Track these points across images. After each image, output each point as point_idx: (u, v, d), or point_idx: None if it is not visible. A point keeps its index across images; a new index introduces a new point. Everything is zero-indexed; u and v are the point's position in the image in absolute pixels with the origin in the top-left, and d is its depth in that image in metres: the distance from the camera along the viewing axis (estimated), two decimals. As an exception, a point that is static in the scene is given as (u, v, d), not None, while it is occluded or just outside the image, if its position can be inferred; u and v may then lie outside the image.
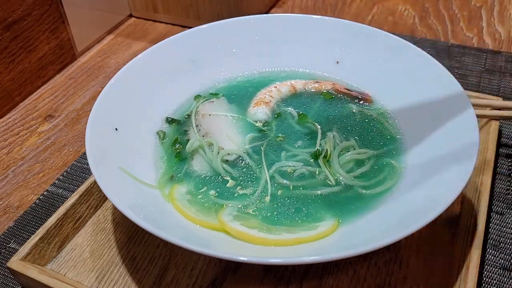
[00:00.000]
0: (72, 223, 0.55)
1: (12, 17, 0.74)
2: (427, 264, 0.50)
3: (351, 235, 0.46)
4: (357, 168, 0.53)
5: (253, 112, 0.61)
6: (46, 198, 0.62)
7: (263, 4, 0.99)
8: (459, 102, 0.52)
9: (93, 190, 0.56)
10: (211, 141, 0.55)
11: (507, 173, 0.61)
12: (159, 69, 0.63)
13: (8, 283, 0.52)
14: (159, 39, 0.73)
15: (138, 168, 0.52)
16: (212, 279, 0.50)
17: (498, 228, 0.55)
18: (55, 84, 0.83)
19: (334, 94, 0.63)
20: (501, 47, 0.85)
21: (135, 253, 0.53)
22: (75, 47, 0.88)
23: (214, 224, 0.48)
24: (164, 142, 0.58)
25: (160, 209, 0.49)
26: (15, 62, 0.77)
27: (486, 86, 0.75)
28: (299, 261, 0.41)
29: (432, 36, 0.89)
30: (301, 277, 0.50)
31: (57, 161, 0.68)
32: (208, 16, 0.92)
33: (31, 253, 0.50)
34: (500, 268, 0.51)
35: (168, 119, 0.60)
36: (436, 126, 0.53)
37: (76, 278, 0.51)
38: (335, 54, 0.66)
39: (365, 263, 0.50)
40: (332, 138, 0.56)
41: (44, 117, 0.76)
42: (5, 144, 0.71)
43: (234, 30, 0.68)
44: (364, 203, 0.50)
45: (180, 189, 0.52)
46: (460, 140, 0.49)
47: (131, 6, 1.00)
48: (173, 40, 0.65)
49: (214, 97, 0.64)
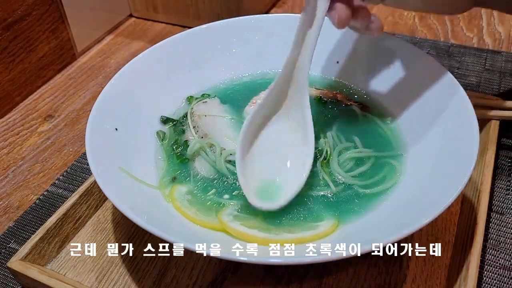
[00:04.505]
0: (72, 223, 0.55)
1: (12, 17, 0.74)
2: (427, 264, 0.50)
3: (351, 235, 0.46)
4: (357, 168, 0.53)
5: (249, 111, 0.61)
6: (46, 198, 0.62)
7: (263, 4, 0.99)
8: (459, 102, 0.52)
9: (93, 190, 0.57)
10: (212, 142, 0.56)
11: (507, 173, 0.61)
12: (159, 69, 0.63)
13: (8, 283, 0.52)
14: (159, 39, 0.73)
15: (138, 168, 0.52)
16: (212, 279, 0.50)
17: (498, 228, 0.55)
18: (55, 84, 0.83)
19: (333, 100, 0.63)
20: (501, 47, 0.85)
21: (135, 253, 0.53)
22: (75, 47, 0.88)
23: (214, 224, 0.48)
24: (164, 143, 0.58)
25: (160, 209, 0.49)
26: (15, 62, 0.77)
27: (486, 86, 0.75)
28: (299, 261, 0.41)
29: (432, 36, 0.89)
30: (301, 277, 0.50)
31: (57, 161, 0.68)
32: (208, 16, 0.92)
33: (31, 253, 0.50)
34: (500, 268, 0.51)
35: (163, 118, 0.60)
36: (436, 126, 0.54)
37: (76, 278, 0.51)
38: (335, 54, 0.66)
39: (365, 263, 0.50)
40: (331, 138, 0.56)
41: (44, 117, 0.76)
42: (5, 144, 0.71)
43: (234, 30, 0.68)
44: (364, 203, 0.50)
45: (180, 189, 0.52)
46: (460, 140, 0.49)
47: (131, 6, 1.00)
48: (173, 40, 0.65)
49: (206, 97, 0.63)
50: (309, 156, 0.51)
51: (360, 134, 0.57)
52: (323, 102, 0.62)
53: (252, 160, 0.52)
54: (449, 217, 0.55)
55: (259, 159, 0.52)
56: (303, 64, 0.52)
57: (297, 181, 0.49)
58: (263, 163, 0.52)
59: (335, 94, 0.64)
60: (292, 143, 0.53)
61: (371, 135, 0.58)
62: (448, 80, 0.55)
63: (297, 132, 0.53)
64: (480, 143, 0.48)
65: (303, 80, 0.52)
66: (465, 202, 0.55)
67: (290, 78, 0.53)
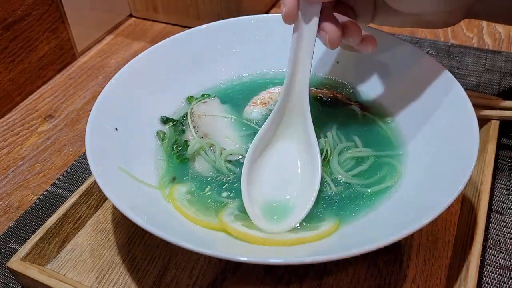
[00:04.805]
0: (72, 223, 0.55)
1: (12, 17, 0.74)
2: (427, 264, 0.50)
3: (351, 235, 0.46)
4: (357, 167, 0.53)
5: (248, 111, 0.61)
6: (46, 198, 0.62)
7: (263, 4, 0.99)
8: (459, 102, 0.52)
9: (93, 190, 0.57)
10: (212, 142, 0.56)
11: (507, 173, 0.61)
12: (159, 69, 0.63)
13: (8, 283, 0.52)
14: (159, 39, 0.73)
15: (138, 168, 0.52)
16: (212, 279, 0.50)
17: (498, 228, 0.55)
18: (55, 84, 0.83)
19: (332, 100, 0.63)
20: (501, 47, 0.85)
21: (135, 253, 0.53)
22: (75, 47, 0.88)
23: (213, 223, 0.48)
24: (164, 143, 0.58)
25: (160, 209, 0.49)
26: (15, 62, 0.77)
27: (486, 86, 0.75)
28: (299, 261, 0.41)
29: (432, 36, 0.89)
30: (301, 277, 0.50)
31: (57, 161, 0.68)
32: (208, 16, 0.92)
33: (31, 253, 0.50)
34: (500, 268, 0.51)
35: (163, 118, 0.60)
36: (436, 126, 0.53)
37: (76, 278, 0.51)
38: (335, 54, 0.66)
39: (365, 263, 0.50)
40: (331, 138, 0.56)
41: (44, 117, 0.76)
42: (5, 144, 0.71)
43: (234, 30, 0.68)
44: (364, 202, 0.50)
45: (180, 189, 0.52)
46: (460, 140, 0.49)
47: (131, 6, 1.00)
48: (173, 40, 0.65)
49: (206, 97, 0.64)
50: (317, 176, 0.50)
51: (360, 134, 0.57)
52: (323, 102, 0.62)
53: (258, 182, 0.51)
54: (449, 217, 0.55)
55: (265, 181, 0.51)
56: (302, 86, 0.52)
57: (306, 202, 0.49)
58: (269, 185, 0.51)
59: (335, 94, 0.64)
60: (297, 164, 0.53)
61: (371, 135, 0.58)
62: (448, 80, 0.55)
63: (302, 152, 0.53)
64: (480, 143, 0.48)
65: (304, 103, 0.52)
66: (465, 202, 0.55)
67: (290, 100, 0.53)
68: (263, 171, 0.52)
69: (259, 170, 0.52)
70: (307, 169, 0.52)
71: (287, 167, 0.53)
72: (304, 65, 0.51)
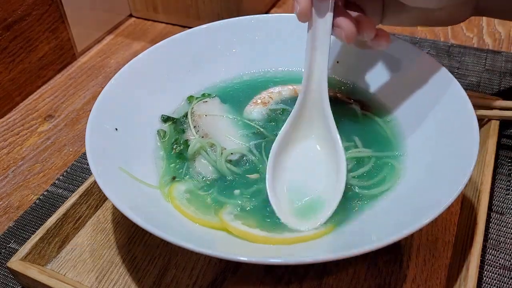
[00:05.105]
0: (72, 223, 0.55)
1: (12, 17, 0.74)
2: (427, 264, 0.50)
3: (351, 235, 0.46)
4: (357, 168, 0.53)
5: (249, 111, 0.61)
6: (46, 198, 0.62)
7: (263, 4, 0.99)
8: (459, 102, 0.52)
9: (93, 190, 0.57)
10: (212, 142, 0.56)
11: (507, 173, 0.61)
12: (159, 69, 0.63)
13: (8, 283, 0.52)
14: (159, 39, 0.73)
15: (138, 168, 0.52)
16: (212, 279, 0.50)
17: (498, 228, 0.55)
18: (55, 84, 0.83)
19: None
20: (501, 47, 0.85)
21: (135, 253, 0.53)
22: (75, 47, 0.88)
23: (213, 222, 0.48)
24: (164, 141, 0.58)
25: (160, 209, 0.49)
26: (15, 62, 0.77)
27: (486, 86, 0.75)
28: (299, 261, 0.41)
29: (432, 36, 0.89)
30: (301, 277, 0.50)
31: (57, 161, 0.68)
32: (208, 16, 0.92)
33: (31, 253, 0.50)
34: (500, 268, 0.51)
35: (164, 117, 0.60)
36: (436, 126, 0.53)
37: (76, 278, 0.51)
38: (335, 54, 0.66)
39: (365, 263, 0.50)
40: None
41: (44, 117, 0.76)
42: (5, 144, 0.71)
43: (234, 30, 0.68)
44: (364, 202, 0.50)
45: (179, 187, 0.52)
46: (460, 140, 0.49)
47: (131, 6, 1.00)
48: (173, 40, 0.65)
49: (207, 97, 0.64)
50: (342, 171, 0.49)
51: (360, 134, 0.57)
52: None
53: (283, 179, 0.51)
54: (449, 217, 0.55)
55: (290, 178, 0.51)
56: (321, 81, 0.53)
57: (333, 198, 0.48)
58: (294, 182, 0.51)
59: (335, 93, 0.64)
60: (320, 160, 0.53)
61: (371, 135, 0.58)
62: (448, 80, 0.55)
63: (324, 148, 0.53)
64: (480, 143, 0.48)
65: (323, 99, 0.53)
66: (465, 202, 0.55)
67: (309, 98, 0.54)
68: (287, 169, 0.52)
69: (282, 168, 0.52)
70: (330, 165, 0.51)
71: (310, 164, 0.53)
72: (320, 63, 0.52)
